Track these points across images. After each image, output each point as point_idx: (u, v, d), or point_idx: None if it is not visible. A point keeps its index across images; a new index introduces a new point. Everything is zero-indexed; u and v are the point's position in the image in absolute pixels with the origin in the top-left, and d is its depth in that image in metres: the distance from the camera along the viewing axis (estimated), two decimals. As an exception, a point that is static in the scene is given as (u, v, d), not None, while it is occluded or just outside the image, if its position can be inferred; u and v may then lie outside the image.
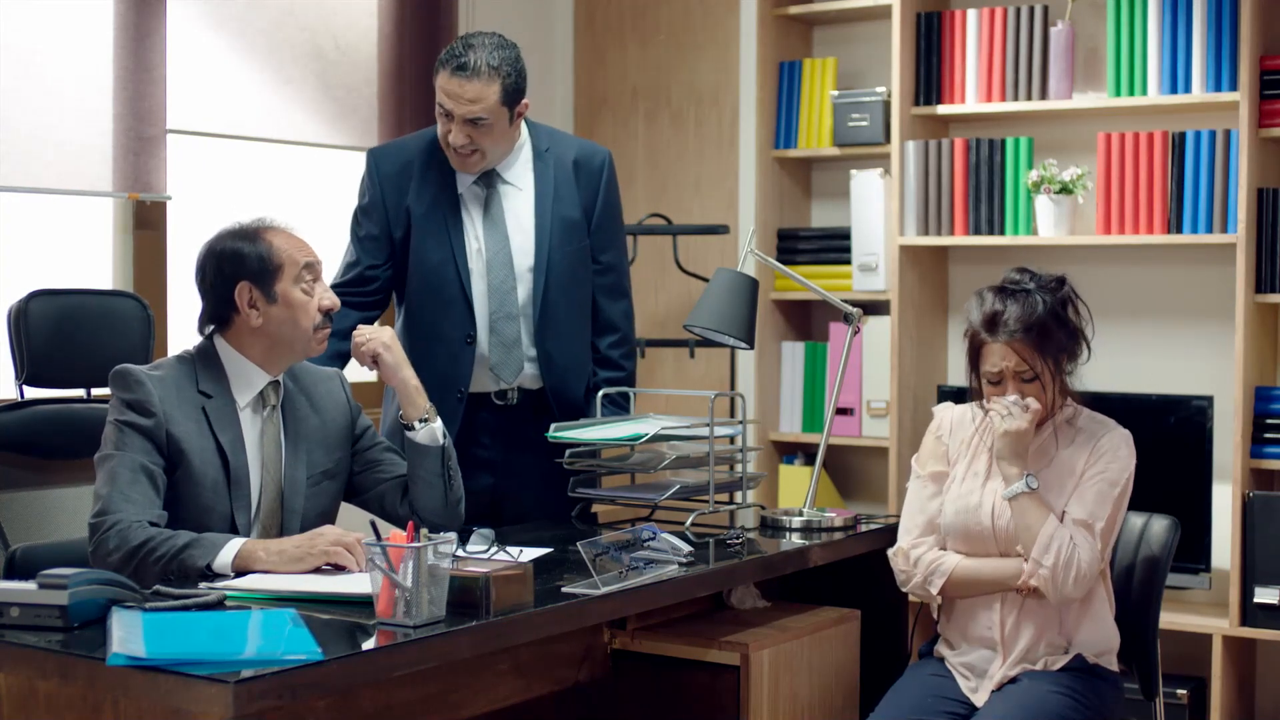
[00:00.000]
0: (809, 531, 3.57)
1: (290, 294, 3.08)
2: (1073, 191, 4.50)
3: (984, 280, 4.82)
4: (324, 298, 3.12)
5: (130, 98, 3.95)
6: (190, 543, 2.84)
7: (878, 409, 4.85)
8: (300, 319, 3.09)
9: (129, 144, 3.95)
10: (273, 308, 3.07)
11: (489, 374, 3.66)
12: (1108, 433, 3.34)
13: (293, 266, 3.08)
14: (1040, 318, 3.27)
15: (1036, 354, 3.27)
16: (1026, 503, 3.21)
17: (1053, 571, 3.18)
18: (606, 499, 3.68)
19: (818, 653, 3.36)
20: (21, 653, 2.37)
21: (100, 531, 2.85)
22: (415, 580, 2.49)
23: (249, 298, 3.07)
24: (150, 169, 4.00)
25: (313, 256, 3.13)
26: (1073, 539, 3.20)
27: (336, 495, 3.27)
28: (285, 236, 3.13)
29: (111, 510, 2.87)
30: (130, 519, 2.86)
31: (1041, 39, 4.60)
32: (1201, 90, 4.36)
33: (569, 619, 2.75)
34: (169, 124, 4.08)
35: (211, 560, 2.82)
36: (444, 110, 3.53)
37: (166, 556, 2.81)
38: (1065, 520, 3.24)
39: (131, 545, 2.82)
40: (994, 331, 3.28)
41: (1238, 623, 4.25)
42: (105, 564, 2.82)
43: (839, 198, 5.06)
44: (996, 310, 3.29)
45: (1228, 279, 4.35)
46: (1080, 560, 3.19)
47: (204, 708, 2.17)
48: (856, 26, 5.04)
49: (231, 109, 4.26)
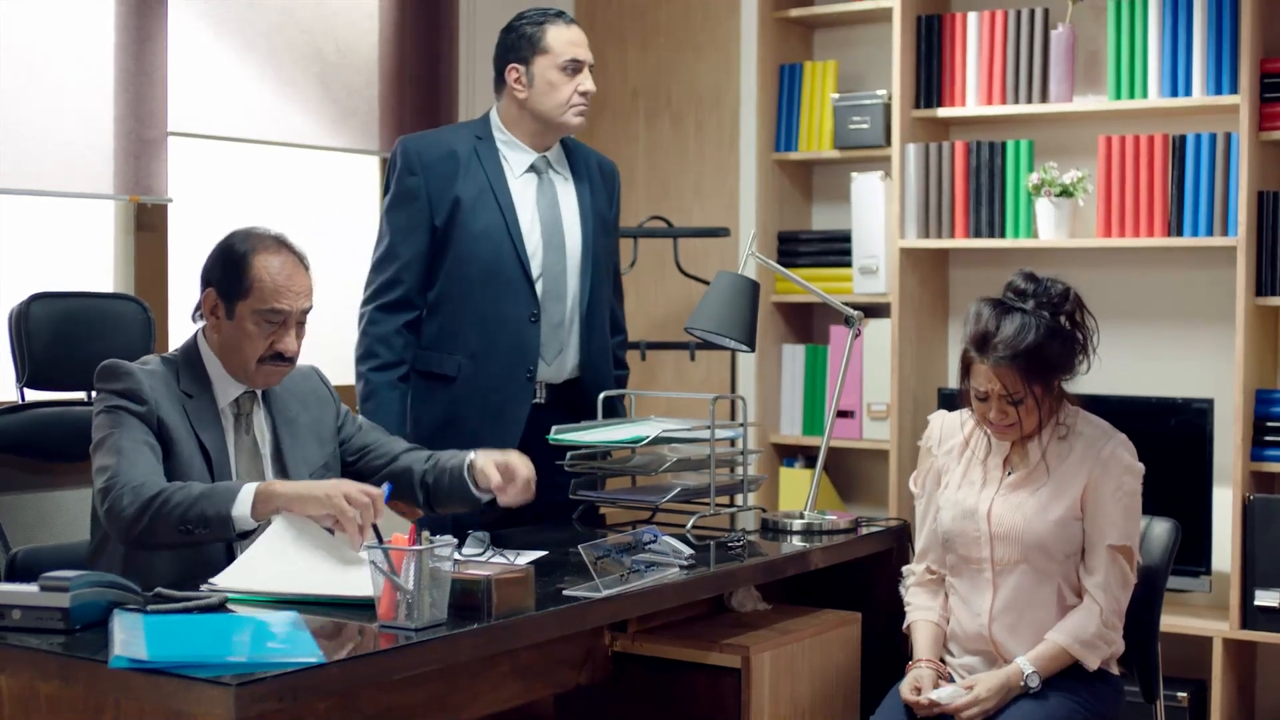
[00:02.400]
0: (810, 534, 3.57)
1: (244, 321, 3.04)
2: (1073, 194, 4.50)
3: (984, 283, 4.85)
4: (279, 343, 3.06)
5: (131, 100, 3.96)
6: (205, 492, 2.86)
7: (878, 411, 4.85)
8: (245, 348, 3.06)
9: (130, 146, 3.95)
10: (227, 323, 3.07)
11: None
12: (1108, 441, 3.32)
13: (259, 300, 3.03)
14: (1030, 344, 3.21)
15: (1021, 380, 3.22)
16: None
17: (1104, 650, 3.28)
18: (607, 501, 3.68)
19: (819, 656, 3.36)
20: (23, 655, 2.38)
21: (113, 492, 2.86)
22: (417, 583, 2.50)
23: (212, 305, 3.08)
24: (151, 172, 4.01)
25: (286, 304, 3.05)
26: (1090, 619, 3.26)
27: None
28: (280, 266, 3.06)
29: (121, 473, 2.89)
30: (142, 478, 2.88)
31: (1042, 42, 4.60)
32: (1202, 93, 4.36)
33: (570, 622, 2.75)
34: (170, 126, 4.08)
35: (231, 506, 2.83)
36: (576, 62, 3.73)
37: (184, 505, 2.83)
38: (1101, 550, 3.24)
39: (146, 497, 2.83)
40: (983, 352, 3.25)
41: (1238, 625, 4.25)
42: (119, 522, 2.82)
43: (839, 200, 5.07)
44: (989, 330, 3.24)
45: (1228, 282, 4.35)
46: (1109, 630, 3.28)
47: (206, 710, 2.17)
48: (856, 29, 5.04)
49: (232, 111, 4.26)
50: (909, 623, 3.43)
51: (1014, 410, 3.24)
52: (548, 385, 3.79)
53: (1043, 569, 3.28)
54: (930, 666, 3.30)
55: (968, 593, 3.37)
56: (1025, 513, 3.28)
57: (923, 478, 3.49)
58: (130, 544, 2.88)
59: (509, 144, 3.79)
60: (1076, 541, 3.28)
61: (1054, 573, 3.29)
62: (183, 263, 4.24)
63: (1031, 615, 3.29)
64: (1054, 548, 3.27)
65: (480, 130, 3.82)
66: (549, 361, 3.77)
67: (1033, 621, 3.29)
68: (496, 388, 3.74)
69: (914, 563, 3.49)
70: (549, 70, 3.74)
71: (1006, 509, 3.30)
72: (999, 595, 3.31)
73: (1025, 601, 3.29)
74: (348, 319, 3.84)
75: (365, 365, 3.70)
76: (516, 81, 3.76)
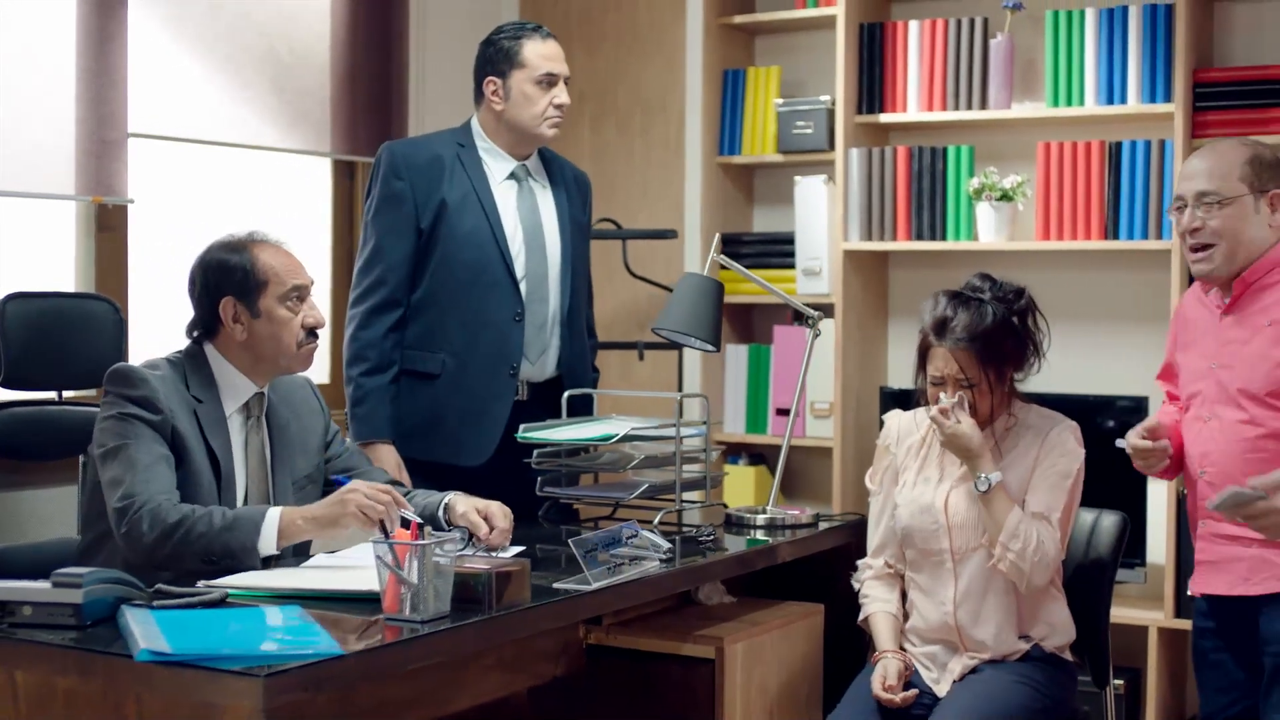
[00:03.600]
0: (772, 529, 3.68)
1: (274, 310, 3.12)
2: (1013, 198, 4.64)
3: (925, 284, 4.97)
4: (308, 316, 3.16)
5: (93, 101, 3.97)
6: (228, 524, 2.90)
7: (821, 410, 4.97)
8: (283, 335, 3.13)
9: (92, 147, 3.97)
10: (256, 322, 3.12)
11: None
12: (1055, 426, 3.47)
13: (278, 285, 3.12)
14: (986, 329, 3.37)
15: (977, 363, 3.38)
16: (991, 497, 3.33)
17: (1019, 556, 3.30)
18: (575, 497, 3.76)
19: (786, 646, 3.47)
20: (39, 650, 2.42)
21: (130, 514, 2.89)
22: (421, 576, 2.57)
23: (233, 313, 3.12)
24: (112, 172, 4.02)
25: (301, 279, 3.17)
26: (1036, 529, 3.33)
27: (317, 498, 3.32)
28: (274, 252, 3.16)
29: (137, 493, 2.91)
30: (158, 499, 2.91)
31: (981, 50, 4.74)
32: (1137, 101, 4.52)
33: (564, 614, 2.84)
34: (130, 128, 4.10)
35: (256, 539, 2.88)
36: (551, 76, 3.84)
37: (207, 537, 2.87)
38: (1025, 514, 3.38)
39: (168, 524, 2.87)
40: (941, 336, 3.40)
41: (1172, 615, 4.41)
42: (139, 545, 2.86)
43: (780, 203, 5.18)
44: (946, 316, 3.40)
45: (1162, 284, 4.51)
46: (1045, 547, 3.32)
47: (233, 701, 2.22)
48: (798, 36, 5.16)
49: (190, 113, 4.28)
50: (867, 614, 3.54)
51: (968, 392, 3.37)
52: (529, 384, 3.87)
53: (1000, 556, 3.42)
54: (896, 657, 3.41)
55: (929, 584, 3.49)
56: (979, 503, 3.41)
57: (879, 475, 3.61)
58: (149, 566, 2.90)
59: (490, 151, 3.89)
60: None
61: (1010, 559, 3.42)
62: (141, 264, 4.27)
63: (992, 600, 3.42)
64: None
65: (462, 138, 3.92)
66: (532, 361, 3.87)
67: (993, 606, 3.41)
68: (480, 386, 3.82)
69: (869, 557, 3.60)
70: (525, 83, 3.83)
71: (961, 500, 3.43)
72: (960, 583, 3.44)
73: (985, 588, 3.42)
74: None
75: (356, 369, 3.77)
76: (494, 94, 3.85)
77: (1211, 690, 3.40)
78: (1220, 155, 3.25)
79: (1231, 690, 3.35)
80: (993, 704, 3.30)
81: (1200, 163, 3.26)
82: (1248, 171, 3.22)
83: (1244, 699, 3.33)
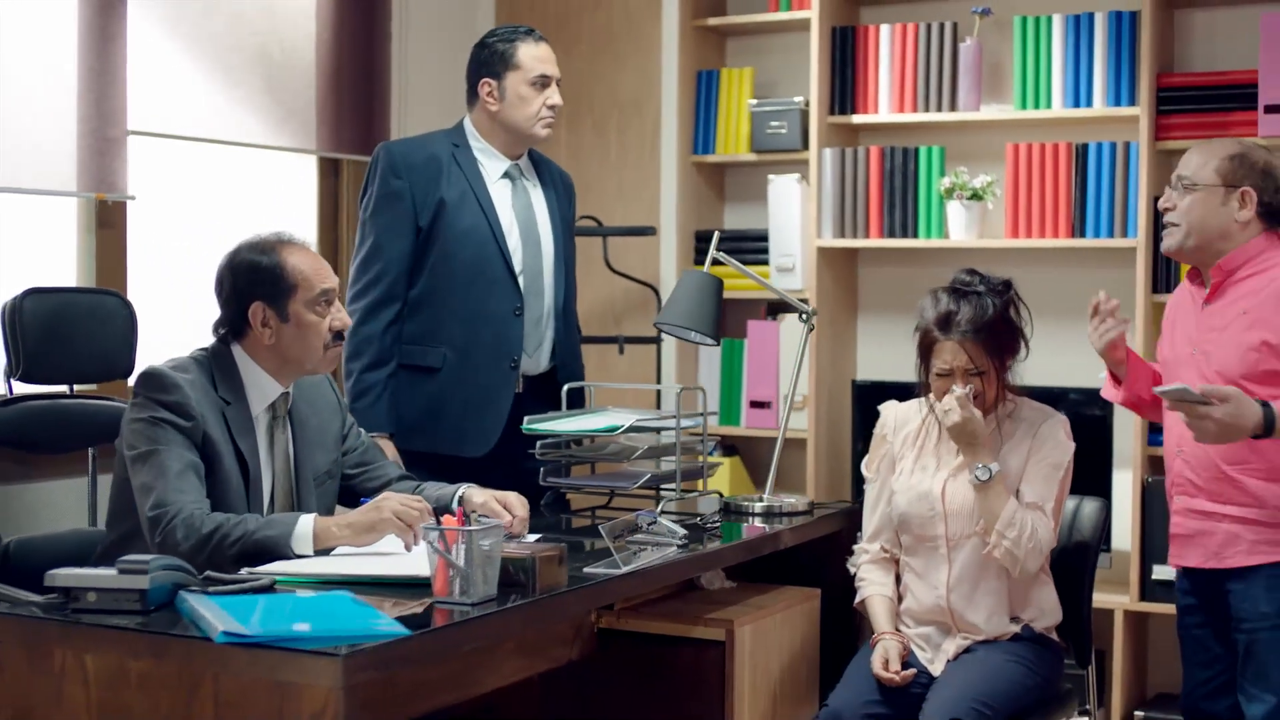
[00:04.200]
0: (769, 516, 3.82)
1: (302, 315, 3.18)
2: (983, 198, 4.80)
3: (895, 280, 5.15)
4: (335, 319, 3.23)
5: (96, 99, 4.03)
6: (261, 526, 2.97)
7: (795, 403, 5.10)
8: (310, 339, 3.20)
9: (96, 144, 4.03)
10: (284, 327, 3.18)
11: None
12: (1046, 420, 3.64)
13: (307, 290, 3.18)
14: (989, 320, 3.55)
15: (985, 353, 3.55)
16: (989, 486, 3.49)
17: (1014, 544, 3.46)
18: (579, 487, 3.88)
19: (788, 629, 3.61)
20: (111, 634, 2.50)
21: (165, 523, 2.94)
22: (470, 561, 2.67)
23: (262, 317, 3.18)
24: (114, 170, 4.08)
25: (329, 282, 3.23)
26: (1031, 518, 3.49)
27: (335, 495, 3.40)
28: (303, 255, 3.22)
29: (169, 502, 2.97)
30: (190, 508, 2.97)
31: (951, 54, 4.90)
32: (1103, 105, 4.70)
33: (599, 596, 2.96)
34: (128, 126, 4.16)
35: (290, 546, 2.96)
36: (544, 77, 3.97)
37: (242, 541, 2.93)
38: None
39: (203, 534, 2.93)
40: (947, 330, 3.55)
41: (1137, 598, 4.59)
42: (175, 554, 2.91)
43: (750, 201, 5.32)
44: (950, 310, 3.57)
45: (1127, 281, 4.68)
46: (1039, 535, 3.48)
47: (312, 679, 2.32)
48: (770, 38, 5.29)
49: (185, 111, 4.34)
50: (864, 597, 3.69)
51: (977, 381, 3.53)
52: (525, 376, 3.98)
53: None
54: (895, 639, 3.56)
55: (924, 569, 3.64)
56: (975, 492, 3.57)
57: (876, 463, 3.75)
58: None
59: (485, 151, 4.01)
60: None
61: (1003, 545, 3.58)
62: (139, 260, 4.33)
63: (984, 585, 3.57)
64: None
65: (456, 138, 4.03)
66: (530, 354, 3.98)
67: (985, 590, 3.57)
68: (482, 378, 3.93)
69: (865, 542, 3.75)
70: (520, 85, 3.95)
71: (958, 488, 3.58)
72: (954, 569, 3.59)
73: (978, 573, 3.57)
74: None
75: (356, 364, 3.86)
76: (489, 95, 3.97)
77: (1194, 666, 3.57)
78: (1208, 148, 3.46)
79: (1213, 665, 3.53)
80: (987, 681, 3.45)
81: (1191, 153, 3.48)
82: (1226, 166, 3.40)
83: (1224, 674, 3.51)
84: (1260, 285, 3.37)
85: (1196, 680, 3.58)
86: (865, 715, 3.46)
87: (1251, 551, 3.37)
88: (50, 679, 2.53)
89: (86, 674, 2.51)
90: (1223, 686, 3.52)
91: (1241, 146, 3.47)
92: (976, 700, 3.39)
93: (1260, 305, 3.34)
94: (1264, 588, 3.36)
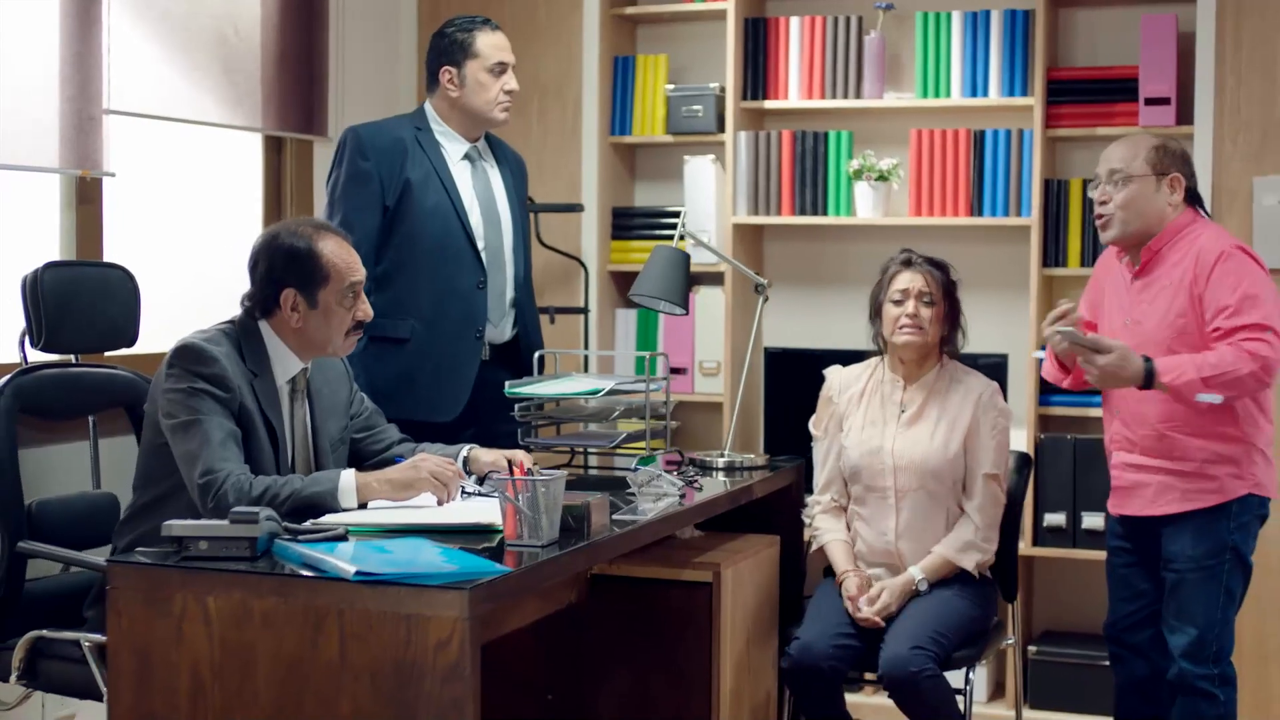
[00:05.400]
0: (731, 470, 4.17)
1: (331, 306, 3.41)
2: (888, 179, 5.22)
3: (799, 255, 5.54)
4: (359, 310, 3.45)
5: (80, 79, 4.17)
6: (308, 484, 3.22)
7: (710, 368, 5.47)
8: (334, 326, 3.43)
9: (78, 123, 4.18)
10: (313, 313, 3.40)
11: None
12: (985, 388, 4.09)
13: (338, 281, 3.40)
14: (944, 264, 4.07)
15: (939, 287, 4.03)
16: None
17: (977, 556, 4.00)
18: (558, 446, 4.18)
19: (759, 571, 3.97)
20: (234, 577, 2.74)
21: (215, 488, 3.16)
22: (537, 507, 2.97)
23: (293, 302, 3.39)
24: (95, 147, 4.24)
25: (358, 275, 3.45)
26: (965, 533, 4.01)
27: (346, 458, 3.65)
28: (337, 246, 3.43)
29: (217, 468, 3.18)
30: (237, 473, 3.19)
31: (856, 46, 5.29)
32: (998, 95, 5.14)
33: (636, 539, 3.28)
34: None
35: (336, 499, 3.21)
36: (502, 64, 4.24)
37: (292, 499, 3.17)
38: (979, 477, 3.96)
39: (253, 495, 3.15)
40: (909, 264, 4.04)
41: (1030, 544, 5.06)
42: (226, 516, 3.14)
43: (661, 179, 5.66)
44: (910, 253, 4.05)
45: (1022, 256, 5.15)
46: (978, 538, 4.03)
47: (440, 611, 2.60)
48: (681, 27, 5.63)
49: (151, 91, 4.49)
50: (823, 543, 4.08)
51: (927, 312, 3.95)
52: (491, 345, 4.27)
53: (935, 493, 3.99)
54: (856, 574, 3.96)
55: (873, 516, 4.04)
56: (923, 448, 3.98)
57: (824, 422, 4.14)
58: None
59: (446, 134, 4.28)
60: (962, 470, 4.01)
61: (944, 495, 4.01)
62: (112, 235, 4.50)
63: (928, 531, 4.00)
64: (945, 475, 3.98)
65: (418, 122, 4.29)
66: (495, 324, 4.26)
67: (928, 536, 4.00)
68: (449, 348, 4.20)
69: (817, 494, 4.14)
70: (479, 72, 4.24)
71: (906, 444, 3.99)
72: (901, 516, 4.00)
73: (922, 521, 3.99)
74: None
75: None
76: (450, 82, 4.24)
77: (1119, 600, 4.03)
78: (1131, 143, 3.89)
79: (1137, 600, 3.99)
80: (941, 616, 3.89)
81: (1115, 148, 3.89)
82: (1153, 156, 3.84)
83: (1147, 609, 3.97)
84: (1181, 257, 3.81)
85: (1121, 613, 4.03)
86: (834, 645, 3.86)
87: (1183, 500, 3.81)
88: (170, 621, 2.76)
89: (208, 614, 2.74)
90: (1144, 620, 3.98)
91: (1158, 139, 3.91)
92: (935, 631, 3.81)
93: (1183, 275, 3.79)
94: (1192, 533, 3.80)
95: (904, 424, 4.02)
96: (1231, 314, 3.68)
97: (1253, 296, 3.69)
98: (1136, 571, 3.97)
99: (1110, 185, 3.86)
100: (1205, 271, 3.73)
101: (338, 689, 2.66)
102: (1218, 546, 3.79)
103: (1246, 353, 3.64)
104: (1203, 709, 3.81)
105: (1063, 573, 5.21)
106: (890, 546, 4.01)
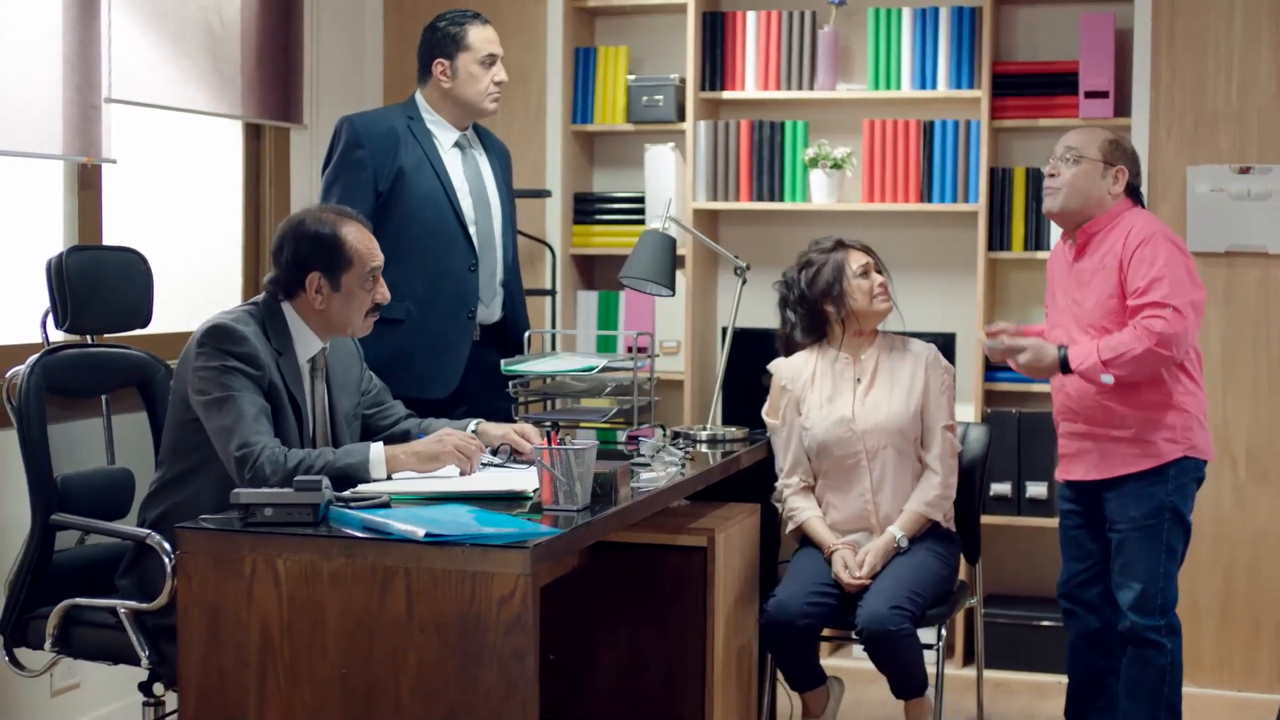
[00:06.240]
0: (714, 443, 4.42)
1: (353, 289, 3.60)
2: (842, 167, 5.49)
3: (756, 238, 5.79)
4: (378, 294, 3.64)
5: (83, 68, 4.31)
6: (340, 456, 3.41)
7: (670, 347, 5.72)
8: (355, 308, 3.62)
9: (81, 111, 4.32)
10: (335, 296, 3.59)
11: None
12: (928, 350, 4.40)
13: (361, 266, 3.59)
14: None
15: (878, 259, 4.36)
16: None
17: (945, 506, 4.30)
18: (555, 420, 4.39)
19: (745, 537, 4.21)
20: (304, 541, 2.94)
21: (253, 461, 3.33)
22: (571, 474, 3.19)
23: (317, 285, 3.58)
24: (97, 135, 4.38)
25: (377, 260, 3.64)
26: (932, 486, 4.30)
27: (358, 434, 3.85)
28: (359, 232, 3.62)
29: (252, 442, 3.36)
30: (271, 446, 3.37)
31: (810, 39, 5.55)
32: (947, 88, 5.43)
33: (656, 503, 3.52)
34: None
35: (368, 469, 3.40)
36: (492, 56, 4.44)
37: (325, 470, 3.34)
38: (937, 429, 4.24)
39: (288, 468, 3.32)
40: (848, 245, 4.35)
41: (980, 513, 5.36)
42: (265, 486, 3.30)
43: (620, 166, 5.89)
44: (838, 238, 4.37)
45: (969, 240, 5.45)
46: (944, 487, 4.33)
47: (502, 569, 2.82)
48: (640, 20, 5.86)
49: (145, 79, 4.64)
50: (801, 521, 4.33)
51: (883, 279, 4.30)
52: (481, 325, 4.48)
53: (901, 449, 4.29)
54: (847, 547, 4.23)
55: (845, 484, 4.32)
56: (885, 410, 4.28)
57: (781, 409, 4.40)
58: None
59: (437, 124, 4.48)
60: (920, 427, 4.30)
61: (909, 451, 4.31)
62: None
63: (900, 486, 4.29)
64: (909, 431, 4.28)
65: (410, 112, 4.49)
66: (486, 304, 4.46)
67: (900, 490, 4.29)
68: (443, 327, 4.41)
69: (784, 477, 4.40)
70: (470, 64, 4.44)
71: (868, 410, 4.28)
72: (874, 474, 4.29)
73: (894, 477, 4.28)
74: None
75: None
76: (442, 74, 4.44)
77: (1070, 560, 4.34)
78: (1090, 131, 4.22)
79: (1086, 559, 4.30)
80: (916, 577, 4.16)
81: (1075, 133, 4.24)
82: (1106, 146, 4.15)
83: (1095, 567, 4.28)
84: (1114, 242, 4.11)
85: (1072, 572, 4.34)
86: (808, 604, 4.13)
87: (1124, 464, 4.12)
88: (240, 581, 2.95)
89: (277, 575, 2.94)
90: (1093, 578, 4.29)
91: (1114, 134, 4.22)
92: (911, 591, 4.09)
93: (1114, 259, 4.09)
94: (1132, 495, 4.12)
95: (861, 393, 4.30)
96: (1139, 294, 4.01)
97: (1160, 278, 4.00)
98: (1084, 533, 4.28)
99: (1062, 162, 4.16)
100: (1129, 255, 4.05)
101: (405, 641, 2.87)
102: (1157, 507, 4.10)
103: (1143, 329, 3.96)
104: (1151, 657, 4.13)
105: (1008, 539, 5.53)
106: (868, 505, 4.27)
